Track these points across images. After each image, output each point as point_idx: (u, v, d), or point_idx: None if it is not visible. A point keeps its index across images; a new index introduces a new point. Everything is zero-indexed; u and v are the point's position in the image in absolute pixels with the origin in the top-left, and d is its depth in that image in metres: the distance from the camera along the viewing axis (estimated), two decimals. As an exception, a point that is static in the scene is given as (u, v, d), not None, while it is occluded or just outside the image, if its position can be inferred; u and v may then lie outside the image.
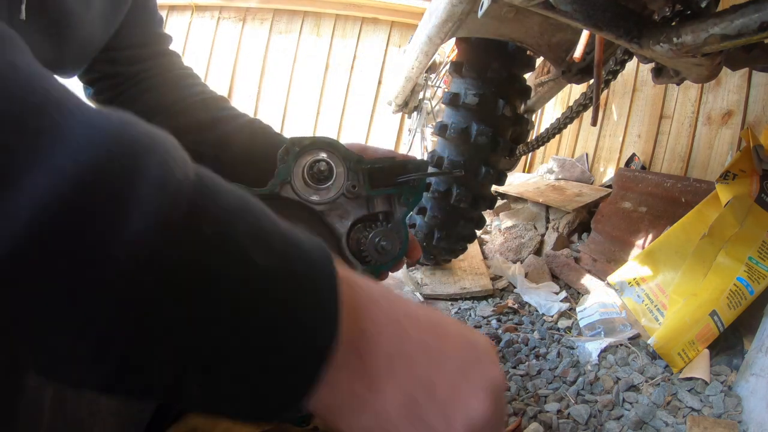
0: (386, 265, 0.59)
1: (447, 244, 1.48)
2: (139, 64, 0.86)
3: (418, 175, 0.61)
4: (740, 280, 0.98)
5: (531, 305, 1.39)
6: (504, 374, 0.36)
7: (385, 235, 0.58)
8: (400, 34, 3.34)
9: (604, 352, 1.04)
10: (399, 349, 0.31)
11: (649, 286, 1.14)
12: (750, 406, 0.84)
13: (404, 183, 0.61)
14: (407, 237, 0.59)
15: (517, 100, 1.31)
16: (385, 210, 0.60)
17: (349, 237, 0.59)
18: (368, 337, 0.31)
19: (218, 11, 3.41)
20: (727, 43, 0.57)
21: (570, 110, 1.42)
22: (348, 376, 0.30)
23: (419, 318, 0.34)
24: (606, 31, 0.70)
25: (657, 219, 1.41)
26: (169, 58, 0.92)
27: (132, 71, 0.86)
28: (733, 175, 1.06)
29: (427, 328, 0.33)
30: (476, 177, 1.32)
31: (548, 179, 2.32)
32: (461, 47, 1.30)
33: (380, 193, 0.61)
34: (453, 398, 0.32)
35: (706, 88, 1.65)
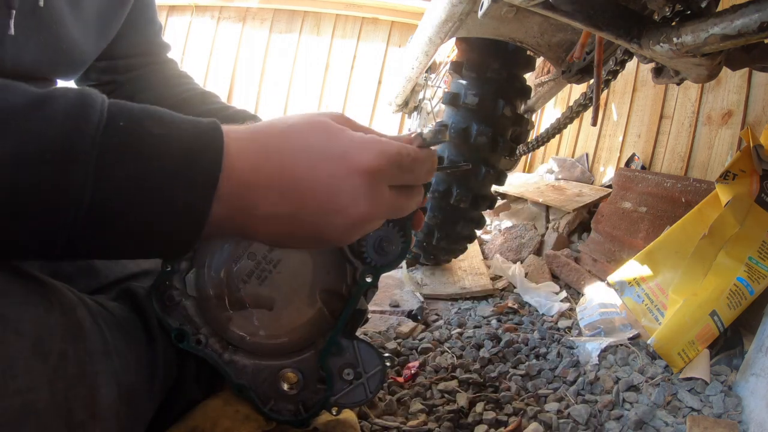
0: (387, 266, 0.58)
1: (447, 244, 1.48)
2: (134, 71, 0.87)
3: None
4: (740, 280, 0.98)
5: (531, 305, 1.39)
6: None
7: (386, 234, 0.57)
8: (400, 34, 3.34)
9: (604, 352, 1.04)
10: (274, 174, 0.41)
11: (649, 286, 1.14)
12: (750, 406, 0.84)
13: None
14: (410, 240, 0.58)
15: (517, 100, 1.31)
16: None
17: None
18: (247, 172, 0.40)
19: (218, 11, 3.41)
20: (727, 43, 0.57)
21: (570, 110, 1.42)
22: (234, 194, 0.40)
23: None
24: (606, 31, 0.70)
25: (657, 219, 1.41)
26: (165, 65, 0.92)
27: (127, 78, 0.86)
28: (733, 175, 1.06)
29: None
30: (476, 177, 1.32)
31: (548, 179, 2.32)
32: (461, 47, 1.30)
33: None
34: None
35: (706, 88, 1.65)
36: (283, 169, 0.41)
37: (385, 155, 0.43)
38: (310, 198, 0.42)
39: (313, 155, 0.42)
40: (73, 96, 0.37)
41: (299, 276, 0.60)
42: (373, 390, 0.61)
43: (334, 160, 0.42)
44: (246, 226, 0.42)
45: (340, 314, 0.59)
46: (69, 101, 0.36)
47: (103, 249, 0.40)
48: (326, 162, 0.42)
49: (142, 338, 0.56)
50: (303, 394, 0.61)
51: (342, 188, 0.42)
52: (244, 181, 0.40)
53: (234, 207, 0.40)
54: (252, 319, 0.60)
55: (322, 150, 0.42)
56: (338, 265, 0.60)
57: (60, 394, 0.40)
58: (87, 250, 0.39)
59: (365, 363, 0.60)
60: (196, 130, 0.40)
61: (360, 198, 0.42)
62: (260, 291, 0.59)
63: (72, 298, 0.47)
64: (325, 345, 0.59)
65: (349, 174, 0.42)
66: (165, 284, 0.58)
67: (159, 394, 0.56)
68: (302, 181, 0.41)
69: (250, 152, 0.41)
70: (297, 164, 0.41)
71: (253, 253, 0.59)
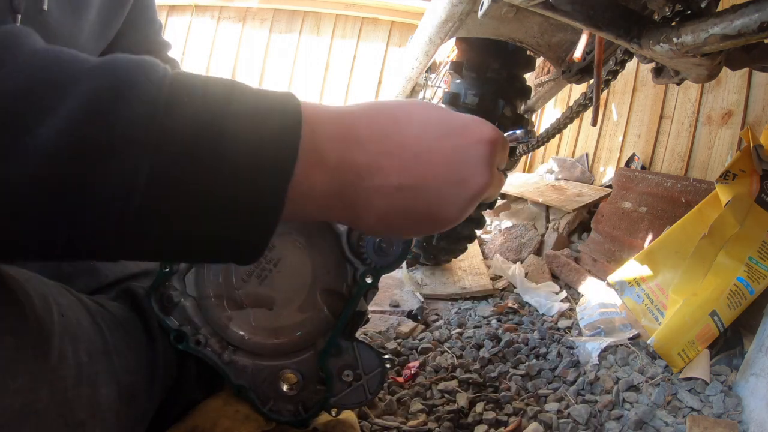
0: (387, 267, 0.58)
1: (447, 244, 1.48)
2: None
3: None
4: (740, 280, 0.98)
5: (531, 305, 1.39)
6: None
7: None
8: (400, 34, 3.34)
9: (604, 352, 1.04)
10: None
11: (649, 286, 1.14)
12: (750, 406, 0.84)
13: None
14: (410, 240, 0.58)
15: (517, 100, 1.31)
16: None
17: (350, 236, 0.59)
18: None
19: (218, 11, 3.41)
20: (727, 43, 0.57)
21: (570, 110, 1.42)
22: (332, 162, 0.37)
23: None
24: (606, 31, 0.70)
25: (657, 219, 1.41)
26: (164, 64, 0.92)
27: None
28: (733, 175, 1.06)
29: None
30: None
31: (548, 179, 2.32)
32: (461, 47, 1.30)
33: None
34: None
35: (706, 88, 1.65)
36: (404, 138, 0.40)
37: (497, 132, 0.44)
38: (433, 169, 0.40)
39: (435, 128, 0.42)
40: (133, 63, 0.33)
41: (299, 276, 0.59)
42: (373, 391, 0.61)
43: (456, 133, 0.42)
44: (356, 203, 0.39)
45: (341, 315, 0.59)
46: (128, 67, 0.33)
47: (161, 246, 0.34)
48: (449, 134, 0.42)
49: (142, 338, 0.56)
50: (302, 394, 0.61)
51: (465, 159, 0.42)
52: (351, 150, 0.38)
53: (342, 181, 0.38)
54: (252, 318, 0.60)
55: (443, 123, 0.42)
56: (338, 265, 0.59)
57: (60, 394, 0.40)
58: (138, 246, 0.34)
59: (365, 364, 0.60)
60: (277, 94, 0.36)
61: (482, 169, 0.42)
62: (260, 290, 0.59)
63: (70, 297, 0.47)
64: (324, 346, 0.59)
65: (472, 145, 0.42)
66: (164, 285, 0.58)
67: (159, 394, 0.57)
68: (426, 153, 0.40)
69: (361, 122, 0.40)
70: (420, 135, 0.41)
71: None
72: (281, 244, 0.59)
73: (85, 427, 0.42)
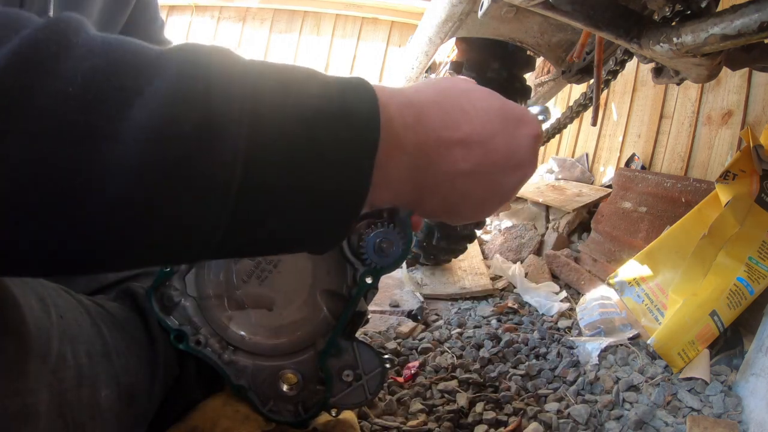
0: (387, 267, 0.57)
1: (447, 244, 1.48)
2: None
3: None
4: (740, 280, 0.98)
5: (531, 305, 1.39)
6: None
7: (385, 236, 0.56)
8: (400, 34, 3.34)
9: (604, 352, 1.04)
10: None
11: (649, 286, 1.14)
12: (750, 406, 0.84)
13: None
14: (411, 238, 0.57)
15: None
16: (389, 210, 0.59)
17: (350, 236, 0.58)
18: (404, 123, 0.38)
19: (218, 11, 3.41)
20: (727, 43, 0.57)
21: (570, 110, 1.42)
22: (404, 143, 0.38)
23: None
24: (606, 31, 0.70)
25: (657, 219, 1.41)
26: None
27: None
28: (733, 175, 1.06)
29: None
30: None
31: (548, 179, 2.32)
32: (461, 47, 1.30)
33: None
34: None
35: (706, 88, 1.65)
36: (472, 127, 0.42)
37: (539, 122, 0.48)
38: (495, 157, 0.43)
39: (498, 117, 0.44)
40: (209, 47, 0.33)
41: (299, 276, 0.59)
42: (373, 392, 0.61)
43: (514, 123, 0.45)
44: (424, 187, 0.41)
45: (340, 315, 0.59)
46: (206, 51, 0.32)
47: (254, 241, 0.34)
48: (509, 123, 0.45)
49: (142, 338, 0.56)
50: (302, 394, 0.61)
51: (521, 147, 0.45)
52: (433, 136, 0.40)
53: (415, 165, 0.39)
54: (252, 319, 0.60)
55: (503, 112, 0.45)
56: (338, 266, 0.59)
57: (60, 396, 0.40)
58: (238, 244, 0.34)
59: (365, 365, 0.60)
60: (345, 79, 0.37)
61: (532, 156, 0.46)
62: (260, 291, 0.59)
63: (69, 299, 0.47)
64: (324, 346, 0.59)
65: (526, 135, 0.45)
66: (164, 284, 0.58)
67: (159, 395, 0.56)
68: (491, 141, 0.43)
69: (432, 110, 0.41)
70: (485, 124, 0.43)
71: None
72: None
73: (86, 429, 0.42)
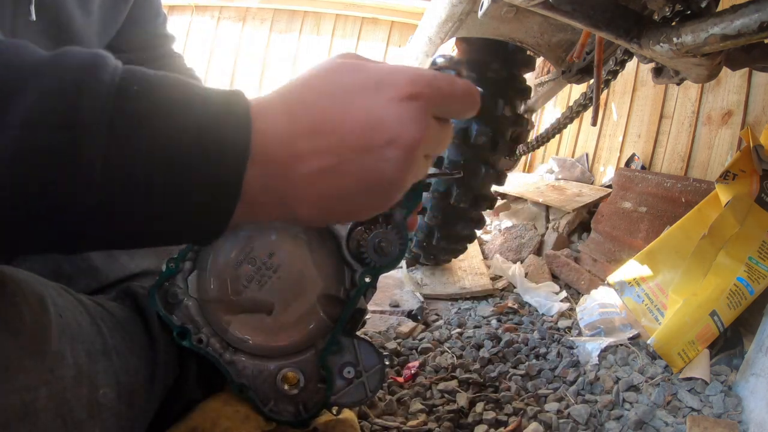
0: (386, 266, 0.59)
1: (447, 244, 1.48)
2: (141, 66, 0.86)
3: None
4: (740, 280, 0.98)
5: (531, 305, 1.39)
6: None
7: (384, 236, 0.58)
8: (400, 34, 3.34)
9: (604, 352, 1.04)
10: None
11: (649, 286, 1.14)
12: (750, 406, 0.84)
13: None
14: (407, 239, 0.59)
15: (517, 100, 1.31)
16: (386, 213, 0.61)
17: (349, 240, 0.60)
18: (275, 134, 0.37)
19: (218, 11, 3.41)
20: (727, 43, 0.57)
21: (570, 110, 1.42)
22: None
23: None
24: (606, 31, 0.70)
25: (657, 219, 1.41)
26: (170, 60, 0.92)
27: None
28: (733, 175, 1.06)
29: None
30: (476, 177, 1.31)
31: (548, 179, 2.32)
32: (461, 47, 1.30)
33: None
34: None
35: (706, 88, 1.65)
36: (314, 116, 0.37)
37: (423, 78, 0.39)
38: (353, 138, 0.37)
39: (345, 93, 0.38)
40: (82, 60, 0.34)
41: (299, 281, 0.60)
42: (373, 389, 0.61)
43: (369, 92, 0.38)
44: (287, 193, 0.38)
45: (341, 314, 0.59)
46: (77, 66, 0.33)
47: (123, 233, 0.36)
48: (361, 96, 0.38)
49: (142, 338, 0.56)
50: (303, 394, 0.61)
51: (385, 117, 0.38)
52: (276, 140, 0.37)
53: (271, 172, 0.36)
54: (251, 322, 0.60)
55: (352, 85, 0.39)
56: (337, 270, 0.60)
57: (59, 394, 0.40)
58: (106, 233, 0.35)
59: (365, 361, 0.61)
60: (219, 93, 0.37)
61: (407, 122, 0.38)
62: (260, 296, 0.59)
63: (69, 297, 0.47)
64: (326, 344, 0.59)
65: (390, 101, 0.38)
66: (167, 283, 0.58)
67: (159, 394, 0.57)
68: (340, 124, 0.37)
69: (276, 109, 0.38)
70: (329, 107, 0.38)
71: (254, 258, 0.59)
72: (281, 250, 0.59)
73: (85, 428, 0.42)
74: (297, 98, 0.39)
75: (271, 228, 0.60)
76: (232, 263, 0.59)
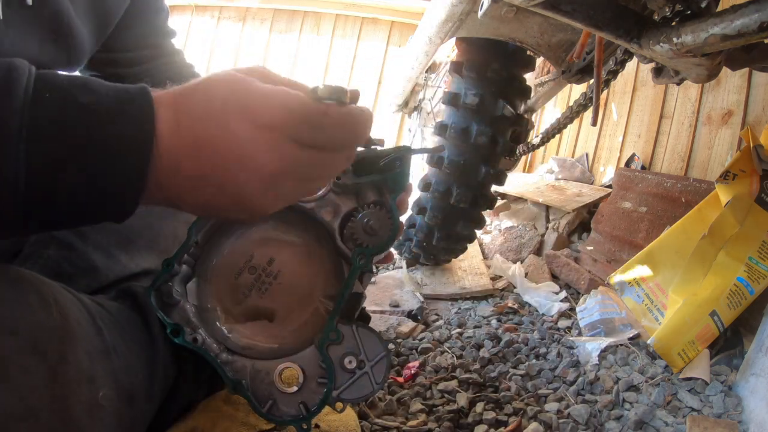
0: (378, 247, 0.58)
1: (447, 244, 1.48)
2: (138, 66, 0.86)
3: (399, 151, 0.59)
4: (740, 280, 0.98)
5: (531, 305, 1.39)
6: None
7: (373, 215, 0.57)
8: (400, 34, 3.34)
9: (604, 352, 1.04)
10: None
11: (649, 286, 1.14)
12: (750, 406, 0.84)
13: (388, 166, 0.59)
14: (398, 222, 0.58)
15: (517, 100, 1.31)
16: (376, 200, 0.60)
17: (343, 231, 0.59)
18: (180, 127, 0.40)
19: (218, 11, 3.41)
20: (727, 43, 0.57)
21: (570, 110, 1.42)
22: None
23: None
24: (606, 31, 0.70)
25: (657, 219, 1.41)
26: (170, 57, 0.92)
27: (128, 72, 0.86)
28: (733, 175, 1.06)
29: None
30: (476, 177, 1.31)
31: (548, 179, 2.32)
32: (461, 47, 1.30)
33: (366, 180, 0.60)
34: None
35: (706, 88, 1.65)
36: (194, 128, 0.40)
37: (288, 109, 0.41)
38: (218, 156, 0.40)
39: (218, 111, 0.41)
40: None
41: (299, 285, 0.59)
42: (380, 381, 0.58)
43: (236, 115, 0.40)
44: (172, 193, 0.42)
45: (337, 298, 0.57)
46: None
47: (50, 222, 0.40)
48: (229, 117, 0.40)
49: (142, 338, 0.56)
50: (303, 394, 0.60)
51: (245, 144, 0.40)
52: (166, 145, 0.40)
53: (161, 173, 0.40)
54: (253, 330, 0.59)
55: (225, 104, 0.41)
56: (335, 269, 0.60)
57: (59, 396, 0.40)
58: (37, 224, 0.39)
59: (367, 350, 0.58)
60: (125, 95, 0.40)
61: (263, 153, 0.41)
62: (261, 303, 0.59)
63: (70, 297, 0.47)
64: (323, 331, 0.57)
65: (251, 128, 0.40)
66: (164, 283, 0.58)
67: (159, 395, 0.56)
68: (208, 141, 0.40)
69: (169, 116, 0.40)
70: (203, 123, 0.40)
71: (254, 266, 0.59)
72: (280, 256, 0.59)
73: (85, 428, 0.42)
74: (184, 105, 0.41)
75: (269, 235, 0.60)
76: (233, 273, 0.59)
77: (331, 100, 0.43)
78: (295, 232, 0.60)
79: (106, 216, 0.41)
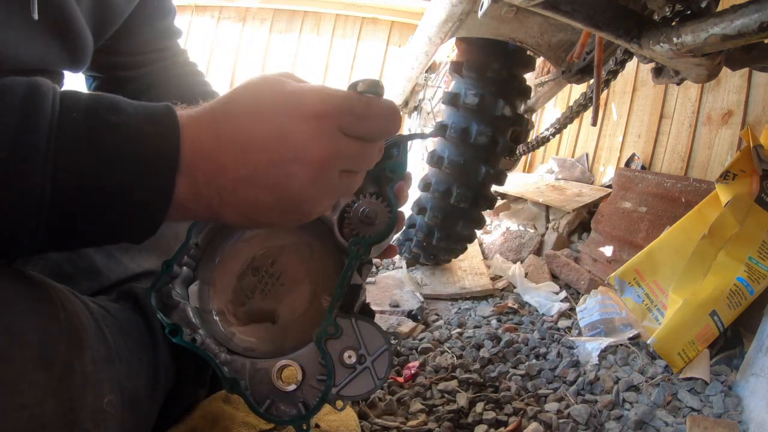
0: (376, 236, 0.56)
1: (447, 244, 1.48)
2: (142, 68, 0.86)
3: (394, 138, 0.58)
4: (740, 280, 0.98)
5: (531, 305, 1.39)
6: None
7: (369, 204, 0.56)
8: (400, 34, 3.34)
9: (604, 352, 1.04)
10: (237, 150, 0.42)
11: (649, 286, 1.14)
12: (750, 406, 0.84)
13: (386, 155, 0.57)
14: (396, 210, 0.57)
15: (517, 100, 1.31)
16: (374, 191, 0.59)
17: (342, 226, 0.59)
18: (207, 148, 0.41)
19: (218, 11, 3.41)
20: (727, 43, 0.57)
21: (570, 110, 1.42)
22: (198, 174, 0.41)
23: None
24: (606, 31, 0.70)
25: (657, 219, 1.41)
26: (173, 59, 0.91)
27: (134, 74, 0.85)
28: (733, 175, 1.06)
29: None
30: (476, 177, 1.31)
31: (548, 179, 2.32)
32: (461, 47, 1.30)
33: None
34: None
35: (706, 88, 1.65)
36: (234, 132, 0.41)
37: (332, 99, 0.43)
38: (265, 153, 0.41)
39: (259, 111, 0.42)
40: (23, 91, 0.37)
41: (302, 285, 0.59)
42: (382, 376, 0.55)
43: (278, 111, 0.42)
44: (212, 202, 0.42)
45: (335, 290, 0.56)
46: (18, 96, 0.36)
47: (70, 241, 0.40)
48: (271, 115, 0.42)
49: (144, 341, 0.56)
50: (303, 393, 0.59)
51: (291, 135, 0.41)
52: (203, 153, 0.41)
53: (198, 182, 0.41)
54: (256, 332, 0.59)
55: (266, 104, 0.42)
56: (337, 267, 0.59)
57: (65, 404, 0.40)
58: (57, 242, 0.40)
59: (367, 343, 0.55)
60: (152, 113, 0.41)
61: (311, 141, 0.41)
62: (264, 305, 0.58)
63: (76, 302, 0.47)
64: (321, 325, 0.55)
65: (295, 121, 0.41)
66: (165, 285, 0.58)
67: (161, 397, 0.56)
68: (254, 140, 0.41)
69: (204, 125, 0.41)
70: (247, 125, 0.41)
71: (256, 268, 0.59)
72: (282, 257, 0.59)
73: None
74: (222, 113, 0.42)
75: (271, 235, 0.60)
76: (236, 275, 0.58)
77: (370, 93, 0.46)
78: (296, 231, 0.60)
79: (125, 235, 0.42)
